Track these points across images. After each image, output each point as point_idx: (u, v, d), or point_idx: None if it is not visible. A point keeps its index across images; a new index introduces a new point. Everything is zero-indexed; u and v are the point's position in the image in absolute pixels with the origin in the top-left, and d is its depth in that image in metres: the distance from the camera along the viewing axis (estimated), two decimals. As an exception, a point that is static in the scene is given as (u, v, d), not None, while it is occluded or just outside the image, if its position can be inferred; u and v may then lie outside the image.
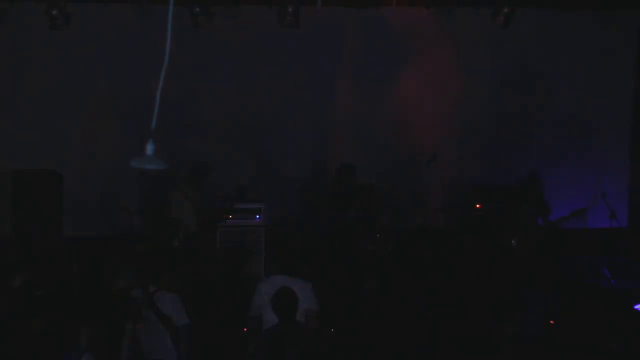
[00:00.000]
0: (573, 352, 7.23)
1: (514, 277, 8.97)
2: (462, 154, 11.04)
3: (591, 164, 11.32)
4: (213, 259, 9.09)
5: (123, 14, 10.48)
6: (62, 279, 8.79)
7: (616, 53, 11.41)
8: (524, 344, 6.38)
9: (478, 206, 10.20)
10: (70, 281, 8.92)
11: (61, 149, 10.47)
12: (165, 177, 9.78)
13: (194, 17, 9.92)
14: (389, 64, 10.94)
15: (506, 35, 10.70)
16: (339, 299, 8.67)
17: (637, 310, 7.94)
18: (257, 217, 9.87)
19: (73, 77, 10.46)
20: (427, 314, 8.05)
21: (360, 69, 10.94)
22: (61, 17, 9.72)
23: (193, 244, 8.78)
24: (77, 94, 10.47)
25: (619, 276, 9.22)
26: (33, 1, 10.01)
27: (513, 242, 9.63)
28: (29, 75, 10.36)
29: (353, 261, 9.22)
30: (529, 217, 9.48)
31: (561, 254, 9.52)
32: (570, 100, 11.39)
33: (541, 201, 9.48)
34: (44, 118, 10.43)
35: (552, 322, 7.88)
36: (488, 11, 10.47)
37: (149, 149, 3.37)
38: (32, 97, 10.38)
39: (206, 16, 9.94)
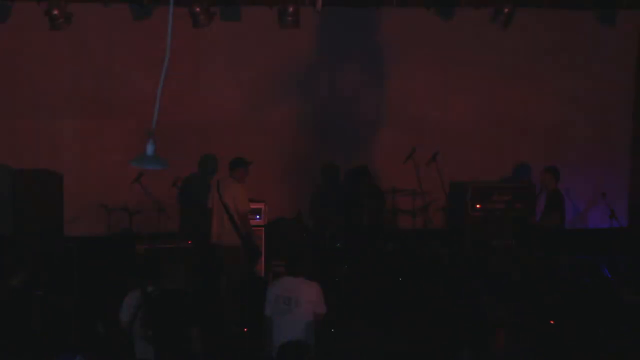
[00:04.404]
0: (573, 352, 7.23)
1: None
2: (462, 154, 11.03)
3: (591, 163, 11.31)
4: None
5: (123, 14, 10.47)
6: (62, 279, 8.80)
7: (616, 53, 11.40)
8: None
9: (478, 206, 10.20)
10: (70, 281, 8.94)
11: (61, 149, 10.47)
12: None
13: (193, 17, 9.93)
14: (388, 64, 10.94)
15: (506, 35, 10.71)
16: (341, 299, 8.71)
17: None
18: (257, 217, 9.87)
19: (73, 76, 10.44)
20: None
21: (360, 69, 10.93)
22: (61, 17, 9.72)
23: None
24: (77, 93, 10.46)
25: (619, 276, 9.23)
26: (33, 1, 10.01)
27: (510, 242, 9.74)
28: (28, 75, 10.34)
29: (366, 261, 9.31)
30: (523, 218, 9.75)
31: (561, 254, 9.52)
32: (570, 99, 11.38)
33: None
34: (44, 118, 10.41)
35: (552, 321, 7.90)
36: (488, 11, 10.49)
37: (149, 149, 3.37)
38: (32, 96, 10.37)
39: (206, 16, 9.94)
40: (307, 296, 6.29)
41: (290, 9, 10.03)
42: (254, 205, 9.64)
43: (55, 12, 9.64)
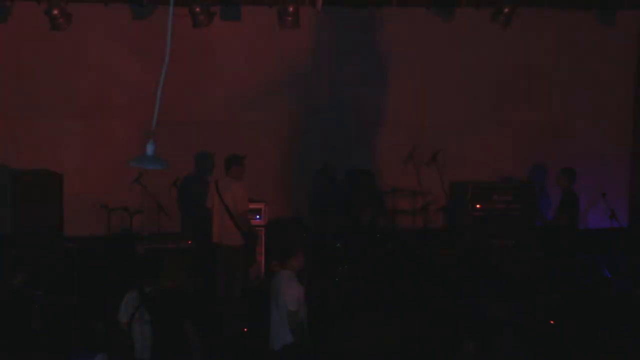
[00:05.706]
0: (573, 352, 7.23)
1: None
2: (462, 153, 11.03)
3: (591, 163, 11.31)
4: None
5: (123, 14, 10.47)
6: (62, 279, 8.80)
7: (616, 53, 11.40)
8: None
9: (478, 206, 10.20)
10: (70, 281, 8.94)
11: (61, 149, 10.47)
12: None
13: (193, 17, 9.93)
14: (388, 64, 10.94)
15: (506, 35, 10.71)
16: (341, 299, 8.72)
17: None
18: (257, 217, 9.87)
19: (73, 76, 10.45)
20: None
21: (359, 69, 10.94)
22: (61, 17, 9.72)
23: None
24: (77, 93, 10.47)
25: (619, 276, 9.23)
26: (33, 1, 10.01)
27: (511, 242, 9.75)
28: (29, 75, 10.35)
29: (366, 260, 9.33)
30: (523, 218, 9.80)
31: (561, 254, 9.52)
32: (570, 99, 11.39)
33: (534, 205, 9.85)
34: (44, 118, 10.42)
35: (552, 322, 7.90)
36: (488, 11, 10.49)
37: (149, 149, 3.37)
38: (32, 96, 10.37)
39: (206, 16, 9.94)
40: (284, 291, 6.36)
41: (290, 9, 10.03)
42: (254, 205, 9.65)
43: (55, 12, 9.65)
